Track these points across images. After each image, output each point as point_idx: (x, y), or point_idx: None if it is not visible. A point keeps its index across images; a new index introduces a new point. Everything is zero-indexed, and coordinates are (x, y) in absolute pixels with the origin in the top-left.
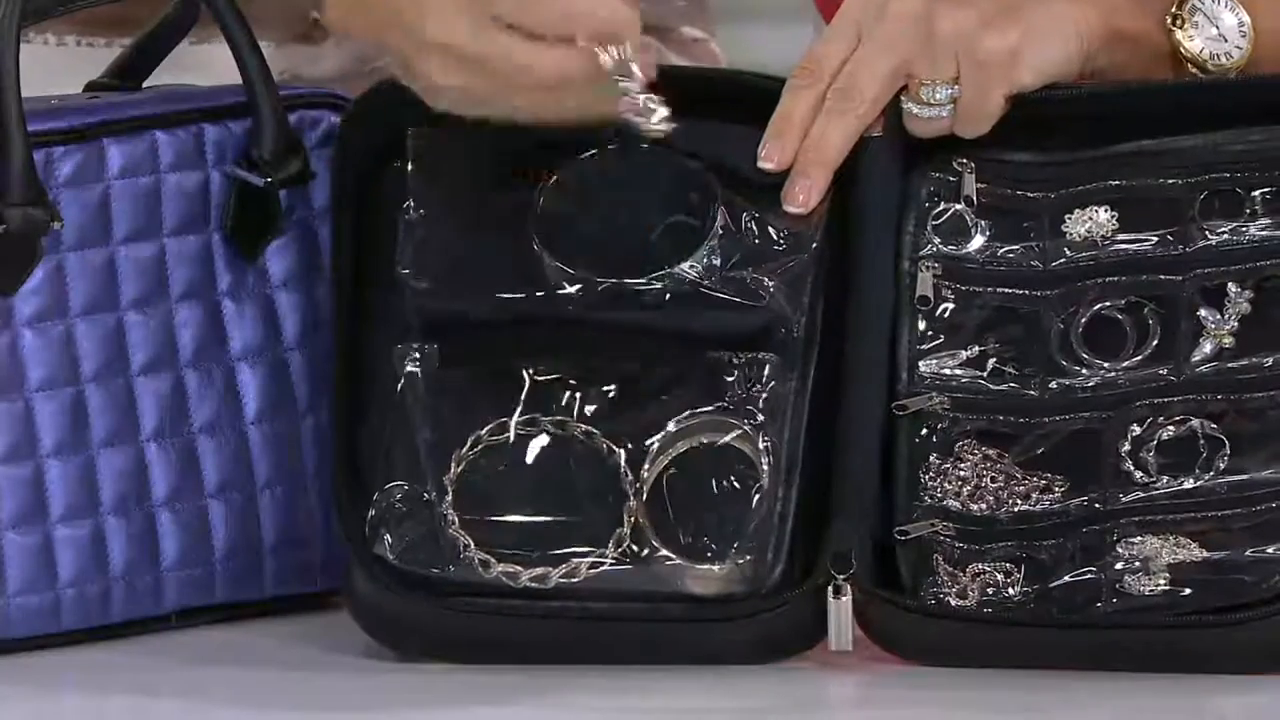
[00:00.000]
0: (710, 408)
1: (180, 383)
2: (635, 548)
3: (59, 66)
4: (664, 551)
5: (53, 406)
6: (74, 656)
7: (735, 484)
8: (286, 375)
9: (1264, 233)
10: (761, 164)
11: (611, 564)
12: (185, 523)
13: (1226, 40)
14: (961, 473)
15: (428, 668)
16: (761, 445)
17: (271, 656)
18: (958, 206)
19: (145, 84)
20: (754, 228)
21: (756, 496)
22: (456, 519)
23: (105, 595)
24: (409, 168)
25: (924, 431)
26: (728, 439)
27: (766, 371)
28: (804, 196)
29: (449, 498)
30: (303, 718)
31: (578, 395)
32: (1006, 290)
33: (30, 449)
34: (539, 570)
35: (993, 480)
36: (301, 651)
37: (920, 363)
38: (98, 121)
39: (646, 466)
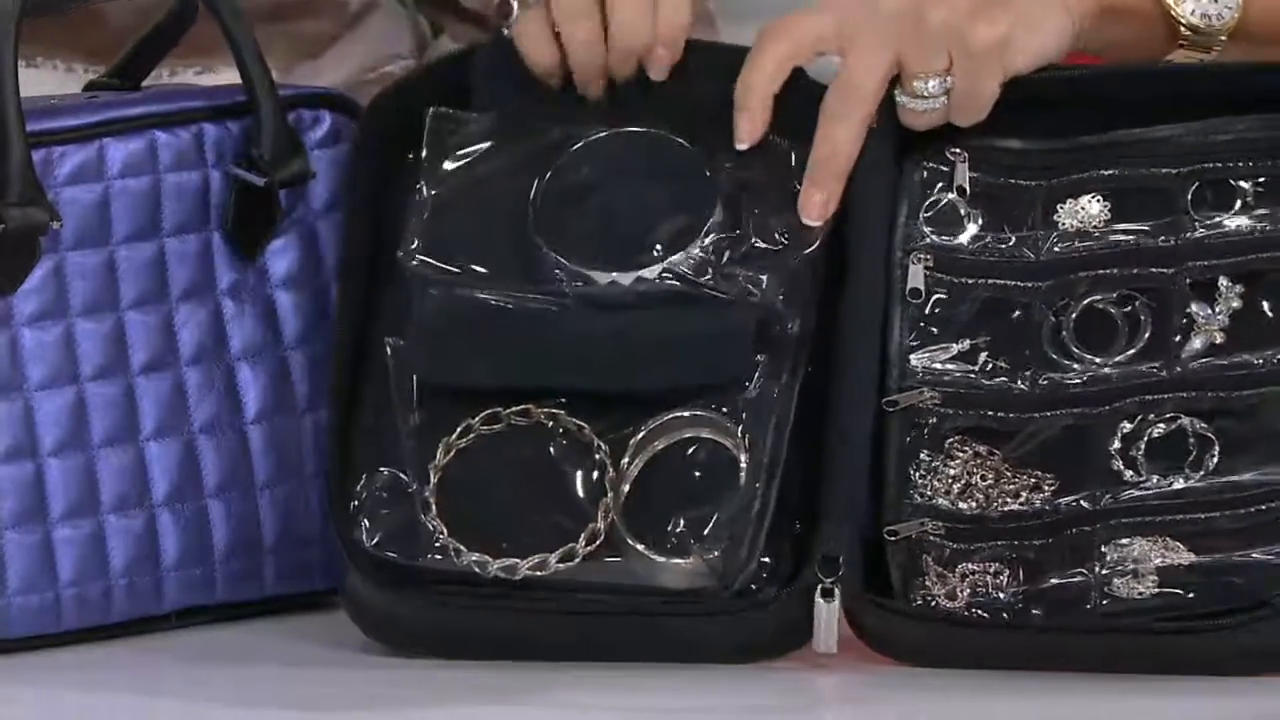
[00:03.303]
0: (695, 403)
1: (180, 382)
2: (608, 541)
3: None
4: (635, 545)
5: (53, 406)
6: (74, 656)
7: (711, 478)
8: (287, 375)
9: (1256, 224)
10: (738, 146)
11: (583, 558)
12: (185, 523)
13: (1218, 1)
14: (952, 470)
15: (427, 666)
16: (741, 439)
17: (271, 656)
18: (950, 196)
19: (145, 84)
20: (750, 224)
21: (731, 491)
22: (435, 506)
23: (105, 595)
24: (424, 148)
25: (915, 428)
26: (706, 433)
27: (757, 369)
28: (820, 210)
29: (431, 484)
30: (303, 717)
31: (571, 389)
32: (998, 281)
33: (30, 449)
34: (509, 561)
35: (983, 479)
36: (301, 651)
37: (911, 356)
38: (98, 121)
39: (625, 460)
